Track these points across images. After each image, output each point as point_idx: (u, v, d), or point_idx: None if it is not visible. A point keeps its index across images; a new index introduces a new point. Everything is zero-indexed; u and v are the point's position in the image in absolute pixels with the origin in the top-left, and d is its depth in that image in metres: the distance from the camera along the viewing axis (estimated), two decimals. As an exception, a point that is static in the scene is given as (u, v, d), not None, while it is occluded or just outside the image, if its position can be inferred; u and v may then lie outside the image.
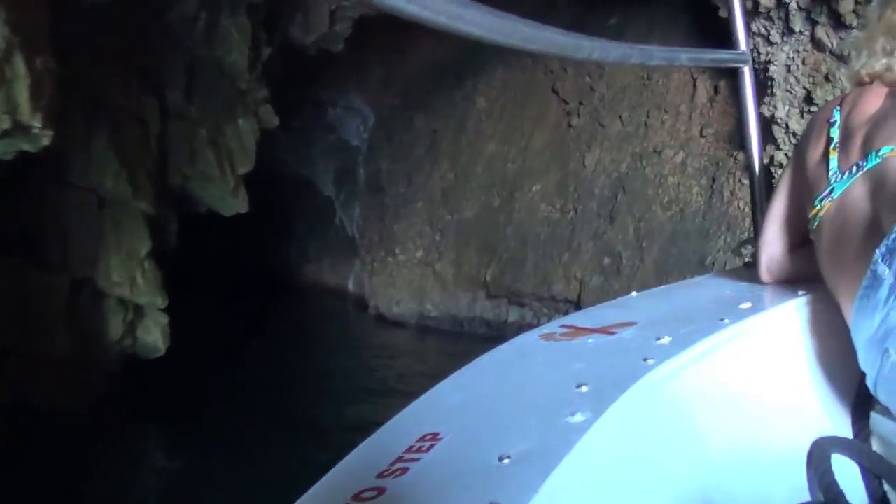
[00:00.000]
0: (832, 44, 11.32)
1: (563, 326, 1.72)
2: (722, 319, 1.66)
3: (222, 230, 22.42)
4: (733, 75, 2.73)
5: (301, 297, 21.28)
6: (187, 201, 10.92)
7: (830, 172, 1.81)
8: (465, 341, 15.70)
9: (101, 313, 9.14)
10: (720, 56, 2.81)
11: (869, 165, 1.71)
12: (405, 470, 1.06)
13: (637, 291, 2.16)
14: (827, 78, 11.34)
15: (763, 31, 11.29)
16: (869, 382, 1.57)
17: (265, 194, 22.35)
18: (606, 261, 13.93)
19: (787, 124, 11.71)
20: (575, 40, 1.55)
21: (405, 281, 16.94)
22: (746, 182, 12.79)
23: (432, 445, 1.13)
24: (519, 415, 1.25)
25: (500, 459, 1.07)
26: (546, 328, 1.74)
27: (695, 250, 13.00)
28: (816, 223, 1.79)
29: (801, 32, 11.25)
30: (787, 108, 11.74)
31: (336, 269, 21.56)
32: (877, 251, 1.50)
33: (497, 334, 15.24)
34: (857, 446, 1.38)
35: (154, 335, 9.67)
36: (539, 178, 15.30)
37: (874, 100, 1.87)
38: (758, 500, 1.41)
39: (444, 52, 16.87)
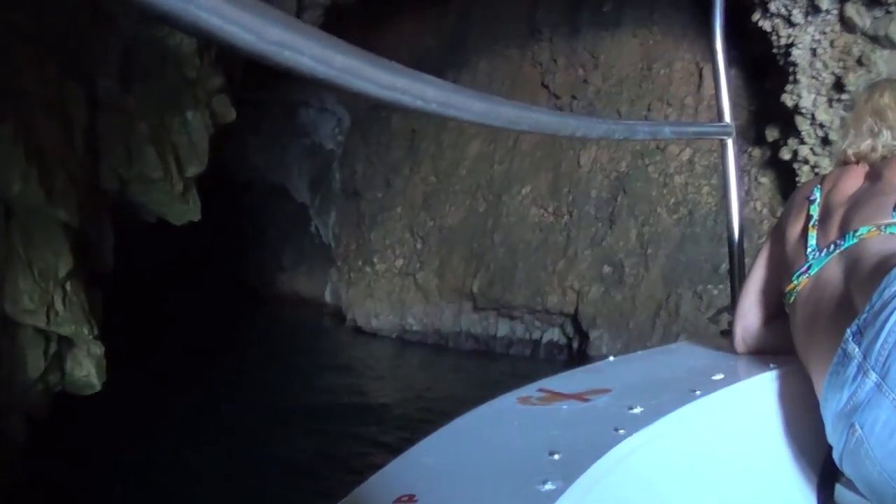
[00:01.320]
0: (865, 23, 9.46)
1: (541, 390, 1.68)
2: (694, 391, 1.63)
3: (190, 239, 21.62)
4: (743, 63, 2.81)
5: (274, 308, 19.83)
6: (128, 209, 8.88)
7: (809, 249, 1.83)
8: (450, 356, 14.55)
9: (13, 347, 7.07)
10: (704, 129, 3.13)
11: (846, 245, 1.74)
12: None
13: (614, 357, 2.10)
14: (860, 62, 9.56)
15: (783, 10, 9.51)
16: (835, 455, 1.58)
17: (236, 201, 22.09)
18: (606, 269, 12.57)
19: (812, 115, 9.98)
20: (560, 119, 1.40)
21: (384, 292, 15.64)
22: (764, 181, 11.19)
23: None
24: (492, 480, 1.23)
25: None
26: (524, 391, 1.68)
27: (707, 257, 11.37)
28: (793, 298, 1.80)
29: (828, 11, 9.52)
30: (812, 96, 9.97)
31: (312, 279, 20.24)
32: (848, 330, 1.52)
33: (485, 349, 14.24)
34: None
35: (86, 369, 7.70)
36: (529, 179, 13.99)
37: (854, 180, 1.91)
38: None
39: (422, 45, 15.29)
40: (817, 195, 1.93)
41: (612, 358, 2.08)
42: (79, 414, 8.63)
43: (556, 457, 1.28)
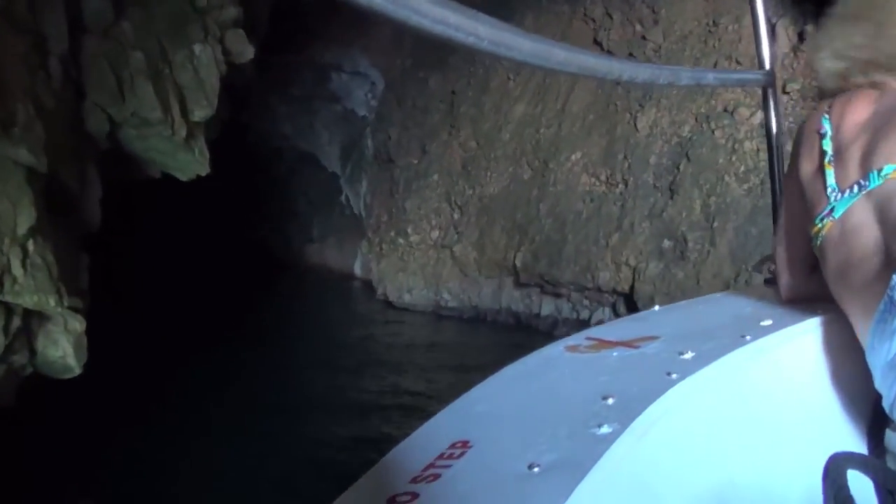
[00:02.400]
0: None
1: (589, 339, 1.63)
2: (743, 336, 1.56)
3: (216, 208, 20.72)
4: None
5: (303, 280, 18.99)
6: (123, 158, 7.20)
7: (829, 190, 1.67)
8: (486, 330, 13.20)
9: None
10: (746, 76, 3.05)
11: (871, 185, 1.59)
12: (437, 476, 1.03)
13: (659, 306, 2.01)
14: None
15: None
16: (885, 404, 1.48)
17: (265, 169, 20.91)
18: (666, 244, 11.09)
19: None
20: (607, 62, 1.36)
21: (418, 265, 14.52)
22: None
23: (462, 453, 1.10)
24: (547, 425, 1.19)
25: (530, 468, 1.04)
26: (572, 340, 1.63)
27: (784, 231, 9.38)
28: (819, 241, 1.68)
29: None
30: None
31: (342, 251, 19.39)
32: (894, 276, 1.43)
33: (526, 328, 12.91)
34: (873, 463, 1.29)
35: (61, 348, 6.08)
36: (579, 144, 12.58)
37: (864, 106, 1.72)
38: None
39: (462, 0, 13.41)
40: (827, 127, 1.74)
41: (657, 307, 1.99)
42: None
43: (610, 401, 1.24)
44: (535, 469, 1.04)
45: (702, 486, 1.29)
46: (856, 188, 1.61)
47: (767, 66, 2.32)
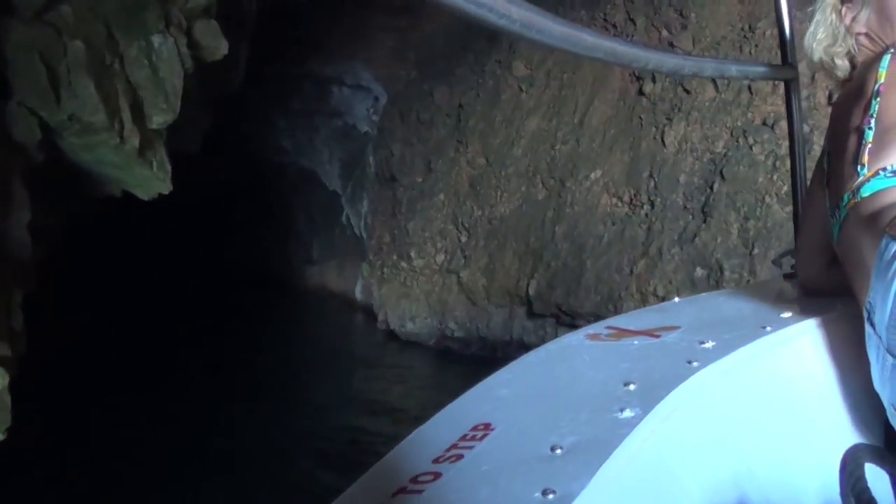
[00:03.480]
0: None
1: (609, 328, 1.64)
2: (764, 327, 1.59)
3: (217, 227, 19.82)
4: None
5: (302, 304, 18.10)
6: (70, 174, 5.79)
7: (828, 211, 1.72)
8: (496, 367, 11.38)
9: None
10: (768, 70, 2.81)
11: (842, 216, 1.62)
12: (460, 456, 1.04)
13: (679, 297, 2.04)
14: None
15: None
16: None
17: (263, 188, 19.99)
18: (699, 272, 9.84)
19: None
20: (632, 49, 1.40)
21: (422, 291, 13.44)
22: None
23: (485, 434, 1.11)
24: (569, 409, 1.20)
25: (553, 450, 1.05)
26: (592, 328, 1.65)
27: (836, 259, 8.00)
28: (835, 239, 1.67)
29: None
30: None
31: (342, 274, 18.52)
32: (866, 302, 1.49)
33: None
34: (890, 456, 1.32)
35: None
36: (600, 162, 11.43)
37: (845, 109, 1.71)
38: (791, 502, 1.40)
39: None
40: (825, 143, 1.80)
41: (676, 299, 1.99)
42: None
43: (632, 387, 1.25)
44: (558, 451, 1.03)
45: (721, 472, 1.28)
46: (839, 211, 1.62)
47: (791, 61, 2.31)
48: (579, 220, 11.21)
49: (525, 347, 11.75)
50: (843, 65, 1.80)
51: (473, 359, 12.14)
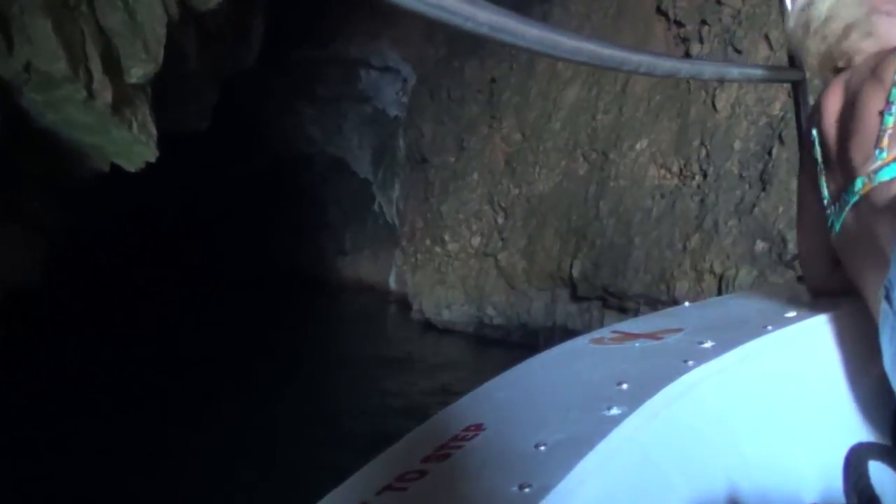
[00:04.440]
0: None
1: (614, 332, 1.62)
2: (766, 327, 1.55)
3: (246, 221, 19.54)
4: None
5: (335, 296, 17.90)
6: (38, 142, 4.95)
7: (825, 201, 1.67)
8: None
9: None
10: (774, 73, 2.64)
11: (851, 202, 1.58)
12: (447, 456, 1.05)
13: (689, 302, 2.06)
14: None
15: None
16: None
17: (293, 178, 19.53)
18: (760, 246, 8.98)
19: None
20: (623, 53, 1.39)
21: (458, 277, 12.97)
22: None
23: (475, 435, 1.11)
24: (558, 409, 1.20)
25: (537, 447, 1.05)
26: (597, 333, 1.62)
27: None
28: (835, 234, 1.65)
29: None
30: None
31: (376, 263, 18.24)
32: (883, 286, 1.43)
33: None
34: (894, 454, 1.33)
35: None
36: (645, 131, 10.70)
37: (834, 101, 1.68)
38: (791, 501, 1.38)
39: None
40: (815, 134, 1.71)
41: (686, 304, 2.01)
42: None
43: (625, 386, 1.25)
44: (542, 448, 1.05)
45: (713, 469, 1.27)
46: (840, 203, 1.60)
47: (797, 63, 2.24)
48: (625, 194, 10.57)
49: (569, 333, 10.98)
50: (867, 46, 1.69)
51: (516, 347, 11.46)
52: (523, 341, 11.55)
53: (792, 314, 1.64)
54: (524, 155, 12.21)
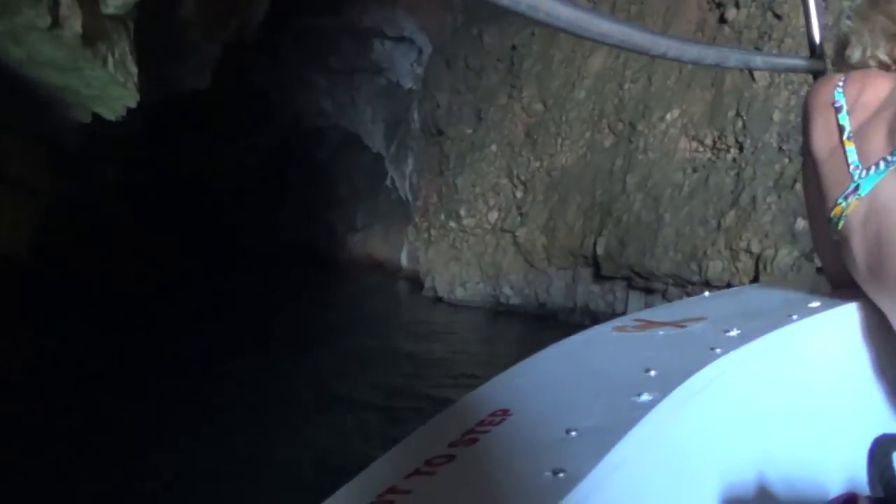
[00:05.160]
0: None
1: (637, 320, 1.53)
2: (791, 316, 1.49)
3: (256, 197, 20.50)
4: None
5: (345, 273, 17.61)
6: (8, 78, 4.32)
7: (851, 167, 1.48)
8: (558, 331, 10.23)
9: None
10: (795, 62, 2.40)
11: (869, 186, 1.47)
12: (475, 440, 1.01)
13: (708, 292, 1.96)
14: None
15: None
16: None
17: (305, 152, 19.14)
18: (801, 224, 8.53)
19: None
20: (651, 37, 1.35)
21: (473, 254, 12.60)
22: None
23: (503, 420, 1.08)
24: (587, 395, 1.17)
25: (567, 432, 1.01)
26: (619, 321, 1.54)
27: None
28: (841, 224, 1.49)
29: None
30: None
31: (387, 240, 18.04)
32: None
33: None
34: None
35: None
36: (676, 101, 10.26)
37: (885, 83, 1.52)
38: (816, 490, 1.33)
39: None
40: (842, 101, 1.52)
41: (707, 293, 1.88)
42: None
43: (652, 373, 1.20)
44: (573, 433, 1.02)
45: (740, 457, 1.26)
46: (882, 164, 1.43)
47: (819, 54, 2.13)
48: (654, 167, 10.17)
49: (590, 315, 10.53)
50: None
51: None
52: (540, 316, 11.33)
53: (816, 304, 1.58)
54: (546, 126, 11.81)
